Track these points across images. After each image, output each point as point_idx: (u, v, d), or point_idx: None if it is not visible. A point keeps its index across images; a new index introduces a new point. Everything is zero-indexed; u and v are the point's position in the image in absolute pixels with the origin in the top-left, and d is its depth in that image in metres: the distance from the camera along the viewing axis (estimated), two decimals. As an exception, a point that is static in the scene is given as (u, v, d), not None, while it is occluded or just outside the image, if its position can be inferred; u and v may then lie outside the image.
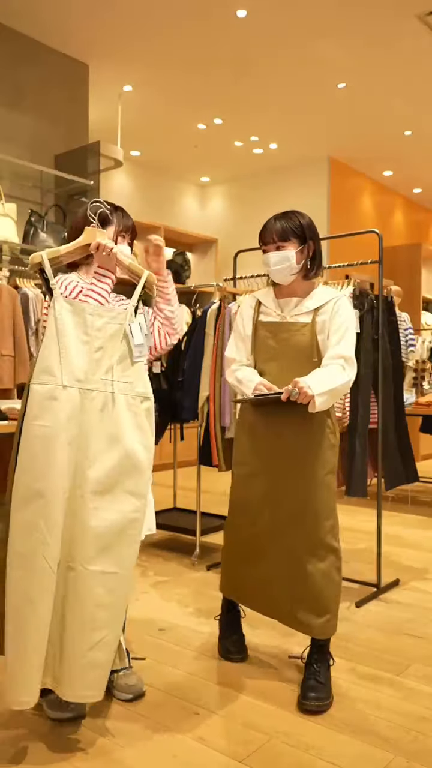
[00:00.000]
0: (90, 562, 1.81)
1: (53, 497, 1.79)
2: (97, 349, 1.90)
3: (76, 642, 1.80)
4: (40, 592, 1.77)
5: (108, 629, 1.83)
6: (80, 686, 1.82)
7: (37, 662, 1.77)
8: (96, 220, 2.03)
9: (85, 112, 5.19)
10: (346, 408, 3.03)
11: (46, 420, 1.81)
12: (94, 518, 1.81)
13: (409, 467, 3.38)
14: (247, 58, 5.14)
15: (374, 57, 5.11)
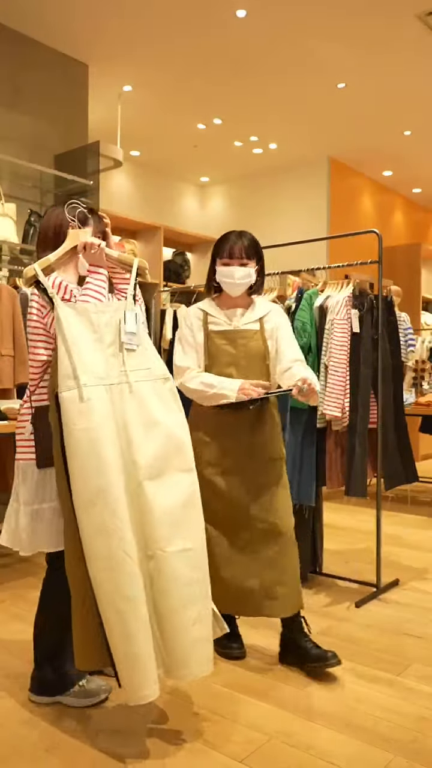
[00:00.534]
0: (166, 545, 1.86)
1: (114, 493, 1.83)
2: (109, 344, 1.95)
3: (177, 624, 1.85)
4: (132, 586, 1.80)
5: (201, 603, 1.89)
6: (194, 664, 1.87)
7: (149, 653, 1.81)
8: (76, 220, 2.05)
9: (85, 112, 5.19)
10: (345, 408, 3.03)
11: (84, 422, 1.85)
12: (156, 502, 1.87)
13: (409, 467, 3.38)
14: (247, 58, 5.14)
15: (374, 57, 5.11)
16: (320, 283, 3.33)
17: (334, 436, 3.14)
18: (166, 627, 1.85)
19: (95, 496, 1.82)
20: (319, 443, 3.16)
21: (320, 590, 3.24)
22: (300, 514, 3.21)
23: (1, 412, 3.35)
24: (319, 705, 2.12)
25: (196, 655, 1.87)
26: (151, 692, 1.80)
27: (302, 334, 3.08)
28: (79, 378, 1.87)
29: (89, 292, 1.99)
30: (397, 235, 8.54)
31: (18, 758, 1.83)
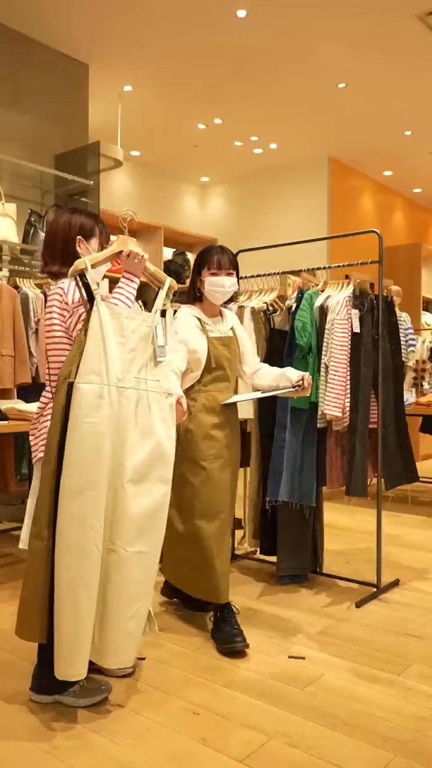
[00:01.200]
0: (130, 545, 2.02)
1: (101, 488, 1.96)
2: (130, 350, 2.06)
3: (119, 615, 2.01)
4: (92, 574, 1.95)
5: (141, 601, 2.07)
6: (123, 654, 2.05)
7: (89, 637, 1.97)
8: (127, 229, 2.17)
9: (85, 112, 5.19)
10: (346, 408, 3.03)
11: (95, 417, 1.95)
12: (133, 505, 2.01)
13: (409, 467, 3.38)
14: (247, 58, 5.14)
15: (374, 57, 5.11)
16: (320, 283, 3.33)
17: (335, 436, 3.14)
18: (109, 616, 2.01)
19: (84, 488, 1.93)
20: (320, 443, 3.15)
21: (321, 590, 3.24)
22: (300, 513, 3.21)
23: (1, 412, 3.34)
24: (319, 705, 2.12)
25: (127, 646, 2.06)
26: (82, 671, 1.97)
27: (302, 334, 3.08)
28: (102, 376, 1.97)
29: (121, 297, 2.10)
30: (397, 235, 8.54)
31: (18, 758, 1.83)
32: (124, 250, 2.13)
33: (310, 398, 3.09)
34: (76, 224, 2.18)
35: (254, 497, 3.36)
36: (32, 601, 2.02)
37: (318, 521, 3.40)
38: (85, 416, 1.93)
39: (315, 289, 3.28)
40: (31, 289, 4.07)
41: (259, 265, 3.82)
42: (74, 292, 2.08)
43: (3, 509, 4.51)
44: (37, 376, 4.02)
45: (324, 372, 3.10)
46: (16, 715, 2.05)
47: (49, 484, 1.99)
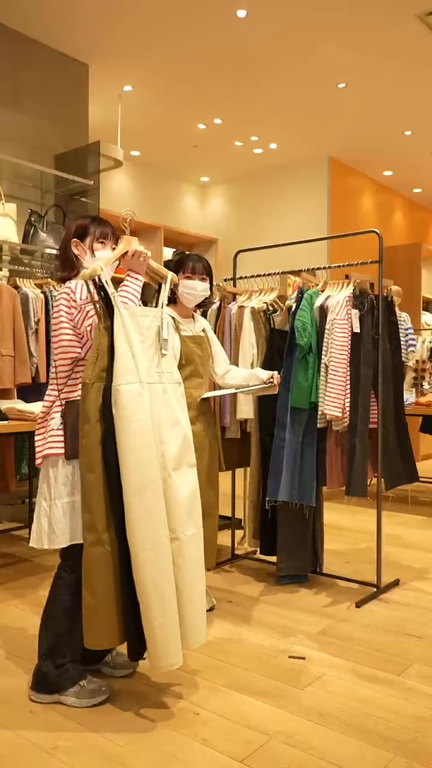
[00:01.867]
0: (186, 529, 2.12)
1: (158, 482, 2.05)
2: (149, 346, 2.14)
3: (191, 596, 2.10)
4: (168, 564, 2.04)
5: (202, 579, 2.18)
6: (201, 631, 2.13)
7: (177, 624, 2.05)
8: (128, 229, 2.21)
9: (85, 112, 5.19)
10: (346, 408, 3.03)
11: (141, 415, 2.04)
12: (179, 492, 2.11)
13: (409, 467, 3.38)
14: (247, 58, 5.14)
15: (374, 57, 5.11)
16: (321, 283, 3.33)
17: (335, 436, 3.14)
18: (182, 601, 2.08)
19: (147, 484, 2.01)
20: (320, 443, 3.16)
21: (321, 590, 3.24)
22: (300, 513, 3.21)
23: (1, 412, 3.35)
24: (319, 705, 2.12)
25: (202, 624, 2.14)
26: (180, 658, 2.03)
27: (302, 333, 3.08)
28: (136, 374, 2.06)
29: (128, 295, 2.14)
30: (397, 235, 8.54)
31: (18, 758, 1.83)
32: (129, 250, 2.18)
33: (311, 398, 3.09)
34: (71, 229, 2.28)
35: (254, 497, 3.36)
36: (105, 607, 2.00)
37: (318, 521, 3.40)
38: (132, 416, 2.01)
39: (315, 289, 3.28)
40: (31, 289, 4.08)
41: (259, 265, 3.82)
42: (82, 290, 2.13)
43: (3, 509, 4.51)
44: (37, 376, 4.02)
45: (324, 372, 3.10)
46: (16, 715, 2.05)
47: (98, 490, 2.01)
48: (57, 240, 4.42)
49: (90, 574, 2.01)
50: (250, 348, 3.35)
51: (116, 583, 2.02)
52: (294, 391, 3.11)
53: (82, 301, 2.12)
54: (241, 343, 3.38)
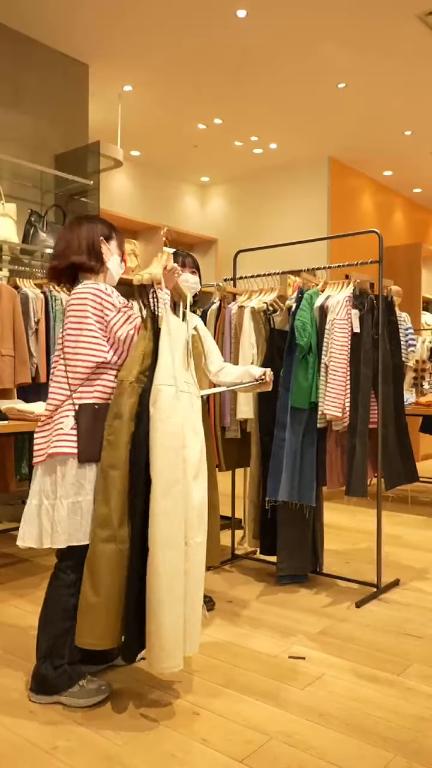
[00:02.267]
0: (196, 536, 2.11)
1: (182, 484, 2.06)
2: (181, 355, 2.20)
3: (195, 602, 2.10)
4: (182, 567, 2.04)
5: (202, 588, 2.18)
6: (197, 639, 2.12)
7: (182, 628, 2.03)
8: (168, 244, 2.43)
9: (85, 112, 5.19)
10: (346, 408, 3.03)
11: (175, 417, 2.07)
12: (195, 499, 2.12)
13: (409, 467, 3.38)
14: (247, 58, 5.14)
15: (374, 57, 5.11)
16: (320, 283, 3.33)
17: (335, 436, 3.14)
18: (189, 605, 2.08)
19: (173, 485, 2.03)
20: (320, 443, 3.15)
21: (321, 590, 3.24)
22: (300, 513, 3.21)
23: (1, 412, 3.34)
24: (319, 705, 2.12)
25: (198, 631, 2.12)
26: (181, 662, 2.01)
27: (302, 333, 3.08)
28: (175, 379, 2.11)
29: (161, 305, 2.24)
30: (397, 235, 8.54)
31: (18, 758, 1.83)
32: (167, 264, 2.28)
33: (311, 398, 3.09)
34: (98, 226, 2.32)
35: (254, 497, 3.36)
36: (107, 606, 2.00)
37: (318, 521, 3.40)
38: (168, 417, 2.05)
39: (315, 289, 3.28)
40: (31, 289, 4.07)
41: (259, 265, 3.82)
42: (116, 294, 2.20)
43: (3, 509, 4.51)
44: (37, 376, 4.02)
45: (324, 372, 3.10)
46: (16, 715, 2.05)
47: (120, 486, 2.04)
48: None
49: (96, 571, 2.00)
50: (250, 348, 3.35)
51: (123, 582, 2.02)
52: (294, 391, 3.11)
53: (123, 305, 2.16)
54: (241, 343, 3.38)
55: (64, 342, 2.18)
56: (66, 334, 2.18)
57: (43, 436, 2.17)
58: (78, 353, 2.14)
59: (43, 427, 2.19)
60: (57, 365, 2.20)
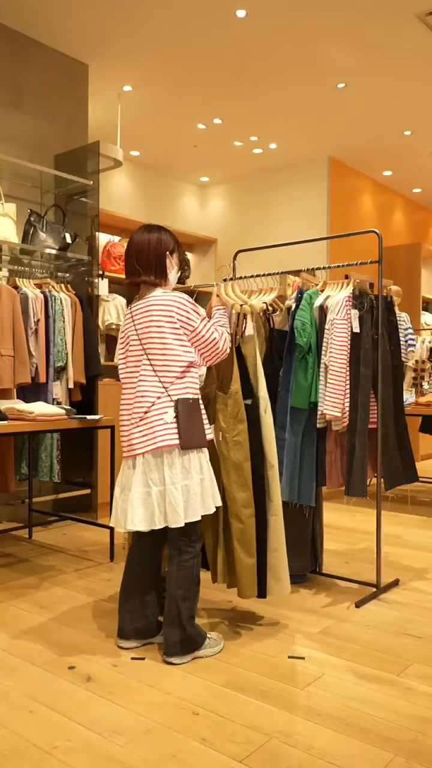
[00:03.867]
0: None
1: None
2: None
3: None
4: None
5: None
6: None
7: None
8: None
9: (85, 112, 5.19)
10: (345, 408, 3.03)
11: (270, 416, 2.75)
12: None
13: (409, 467, 3.38)
14: (247, 58, 5.14)
15: (374, 57, 5.11)
16: (320, 283, 3.33)
17: (334, 436, 3.14)
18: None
19: (270, 467, 2.73)
20: (319, 443, 3.15)
21: (320, 590, 3.24)
22: (300, 513, 3.21)
23: (1, 412, 3.34)
24: (319, 705, 2.12)
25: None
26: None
27: (302, 333, 3.08)
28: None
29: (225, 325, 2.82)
30: (397, 235, 8.55)
31: (18, 758, 1.83)
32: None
33: (310, 398, 3.09)
34: (168, 241, 2.54)
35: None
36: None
37: (317, 521, 3.40)
38: (269, 417, 2.74)
39: (315, 288, 3.28)
40: (30, 289, 4.08)
41: (259, 265, 3.82)
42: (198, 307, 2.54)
43: (3, 509, 4.51)
44: (36, 376, 4.02)
45: (323, 372, 3.10)
46: (16, 715, 2.05)
47: (249, 475, 2.67)
48: (56, 240, 4.42)
49: (248, 540, 2.61)
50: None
51: (260, 543, 2.66)
52: (294, 391, 3.11)
53: (205, 316, 2.53)
54: (241, 343, 3.38)
55: (147, 345, 2.43)
56: (148, 338, 2.43)
57: (140, 431, 2.41)
58: (168, 356, 2.42)
59: (138, 423, 2.42)
60: (141, 366, 2.45)
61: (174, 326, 2.42)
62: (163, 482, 2.37)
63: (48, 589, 3.24)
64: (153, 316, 2.43)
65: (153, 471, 2.39)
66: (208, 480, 2.48)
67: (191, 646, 2.45)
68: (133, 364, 2.48)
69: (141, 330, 2.45)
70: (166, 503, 2.36)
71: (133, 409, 2.44)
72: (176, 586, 2.44)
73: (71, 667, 2.38)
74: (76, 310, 4.26)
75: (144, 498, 2.38)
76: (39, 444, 4.16)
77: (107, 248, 5.98)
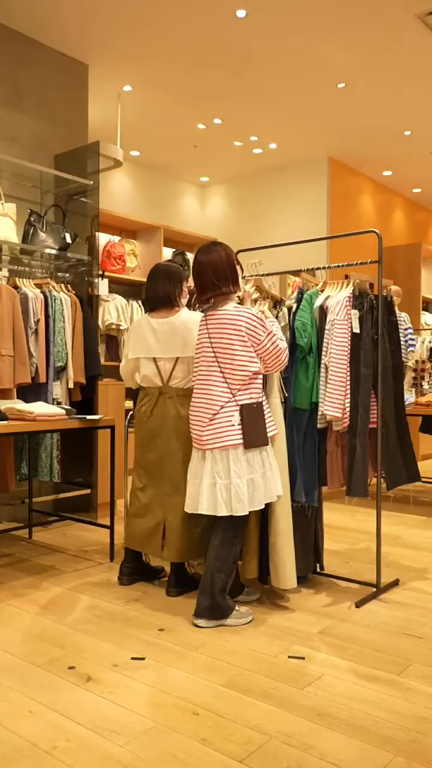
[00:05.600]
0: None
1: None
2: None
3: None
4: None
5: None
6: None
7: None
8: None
9: (85, 112, 5.19)
10: (346, 408, 3.03)
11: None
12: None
13: (411, 467, 3.38)
14: (247, 57, 5.14)
15: (374, 57, 5.11)
16: (320, 283, 3.33)
17: (335, 437, 3.14)
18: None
19: (284, 465, 2.99)
20: (320, 444, 3.15)
21: (321, 590, 3.24)
22: (302, 513, 3.21)
23: (1, 412, 3.34)
24: (319, 705, 2.12)
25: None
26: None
27: (302, 334, 3.08)
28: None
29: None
30: (397, 235, 8.55)
31: (18, 758, 1.83)
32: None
33: (311, 398, 3.09)
34: (232, 252, 2.91)
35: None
36: (256, 549, 2.99)
37: (318, 521, 3.40)
38: (277, 420, 3.00)
39: (315, 289, 3.28)
40: (30, 289, 4.07)
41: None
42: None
43: (3, 509, 4.51)
44: (36, 376, 4.02)
45: (324, 372, 3.09)
46: (16, 715, 2.05)
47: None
48: (56, 240, 4.42)
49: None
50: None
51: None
52: (295, 391, 3.11)
53: (269, 331, 2.79)
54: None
55: (219, 355, 2.76)
56: (220, 348, 2.76)
57: (211, 430, 2.75)
58: (236, 365, 2.74)
59: (208, 424, 2.75)
60: (211, 373, 2.77)
61: (242, 339, 2.73)
62: (229, 476, 2.72)
63: (48, 589, 3.24)
64: (226, 328, 2.76)
65: (219, 465, 2.74)
66: (269, 472, 2.82)
67: (218, 613, 2.75)
68: (205, 369, 2.81)
69: (214, 340, 2.78)
70: (231, 495, 2.71)
71: (203, 410, 2.80)
72: (215, 557, 2.78)
73: (71, 667, 2.38)
74: (76, 310, 4.26)
75: (210, 489, 2.75)
76: (39, 444, 4.16)
77: (107, 248, 5.98)
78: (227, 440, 2.73)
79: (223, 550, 2.79)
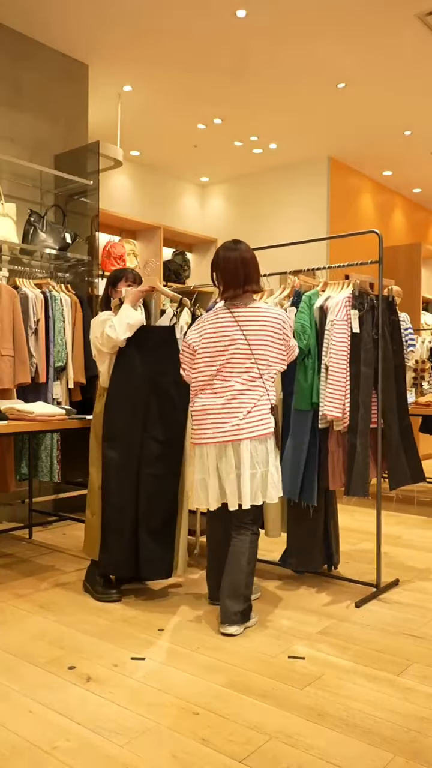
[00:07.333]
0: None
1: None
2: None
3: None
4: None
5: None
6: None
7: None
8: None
9: (85, 112, 5.19)
10: (346, 408, 3.03)
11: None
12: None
13: (414, 467, 3.36)
14: (247, 58, 5.14)
15: (374, 57, 5.11)
16: (320, 284, 3.33)
17: (336, 437, 3.14)
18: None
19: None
20: (321, 444, 3.15)
21: (321, 590, 3.24)
22: (308, 511, 3.21)
23: (1, 412, 3.34)
24: (319, 705, 2.12)
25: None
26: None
27: (302, 335, 3.08)
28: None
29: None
30: (397, 235, 8.54)
31: (18, 758, 1.83)
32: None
33: (312, 399, 3.09)
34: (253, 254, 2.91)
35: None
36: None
37: (332, 520, 3.41)
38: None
39: (315, 290, 3.28)
40: (30, 289, 4.07)
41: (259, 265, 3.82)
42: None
43: (3, 509, 4.51)
44: (36, 376, 4.02)
45: (324, 373, 3.09)
46: (16, 715, 2.05)
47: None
48: (56, 240, 4.42)
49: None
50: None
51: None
52: (295, 392, 3.11)
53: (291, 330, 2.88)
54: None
55: (256, 350, 2.73)
56: (257, 344, 2.74)
57: (250, 419, 2.71)
58: (271, 361, 2.76)
59: (245, 417, 2.71)
60: (251, 369, 2.74)
61: (279, 338, 2.77)
62: (267, 463, 2.74)
63: (48, 589, 3.24)
64: (264, 325, 2.75)
65: (258, 454, 2.72)
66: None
67: (247, 616, 2.75)
68: (240, 363, 2.75)
69: (250, 336, 2.74)
70: (267, 483, 2.72)
71: (241, 402, 2.73)
72: (247, 560, 2.75)
73: (71, 667, 2.38)
74: (76, 310, 4.26)
75: (251, 478, 2.70)
76: (39, 444, 4.16)
77: (107, 248, 5.98)
78: (267, 428, 2.74)
79: (253, 552, 2.79)
